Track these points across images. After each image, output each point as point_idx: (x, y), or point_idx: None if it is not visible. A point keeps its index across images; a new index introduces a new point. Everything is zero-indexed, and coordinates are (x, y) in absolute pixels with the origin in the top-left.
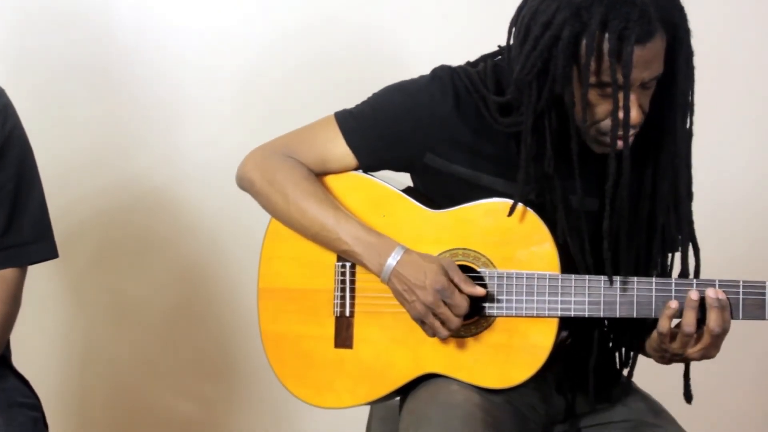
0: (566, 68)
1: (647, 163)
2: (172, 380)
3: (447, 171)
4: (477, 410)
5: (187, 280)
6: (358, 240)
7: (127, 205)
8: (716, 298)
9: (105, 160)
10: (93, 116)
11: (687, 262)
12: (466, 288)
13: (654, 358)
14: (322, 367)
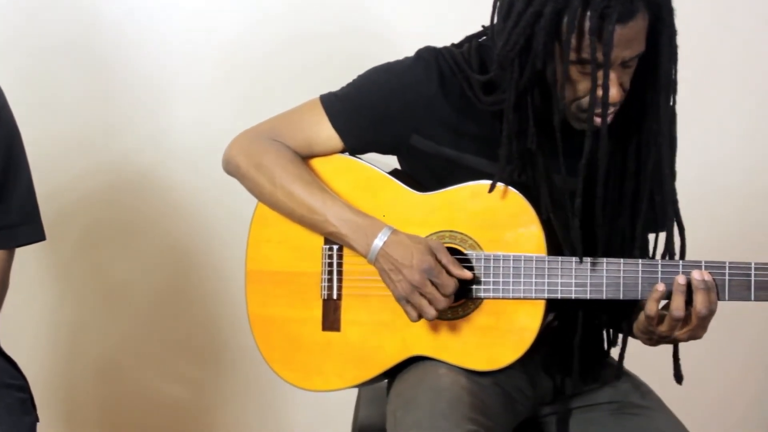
0: (548, 45)
1: (630, 140)
2: (159, 363)
3: (433, 152)
4: (464, 393)
5: (175, 263)
6: (345, 221)
7: (114, 187)
8: (702, 280)
9: (92, 142)
10: (80, 98)
11: (672, 242)
12: (454, 270)
13: (642, 340)
14: (310, 349)
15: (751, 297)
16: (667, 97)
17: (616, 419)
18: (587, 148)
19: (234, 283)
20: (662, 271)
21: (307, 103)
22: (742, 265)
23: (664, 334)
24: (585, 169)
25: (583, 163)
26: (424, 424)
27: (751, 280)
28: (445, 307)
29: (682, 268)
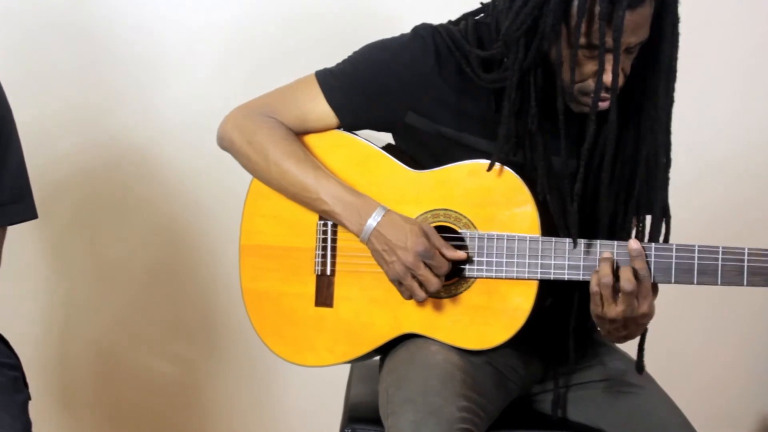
0: (555, 27)
1: (627, 125)
2: (153, 340)
3: (429, 130)
4: (456, 370)
5: (168, 241)
6: (339, 200)
7: (107, 165)
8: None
9: (84, 119)
10: (72, 74)
11: (659, 229)
12: (447, 252)
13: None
14: (302, 325)
15: (744, 282)
16: (666, 84)
17: (608, 397)
18: (591, 131)
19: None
20: (655, 254)
21: (302, 79)
22: (736, 250)
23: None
24: (588, 153)
25: (586, 147)
26: (416, 401)
27: (744, 265)
28: (437, 288)
29: (675, 251)
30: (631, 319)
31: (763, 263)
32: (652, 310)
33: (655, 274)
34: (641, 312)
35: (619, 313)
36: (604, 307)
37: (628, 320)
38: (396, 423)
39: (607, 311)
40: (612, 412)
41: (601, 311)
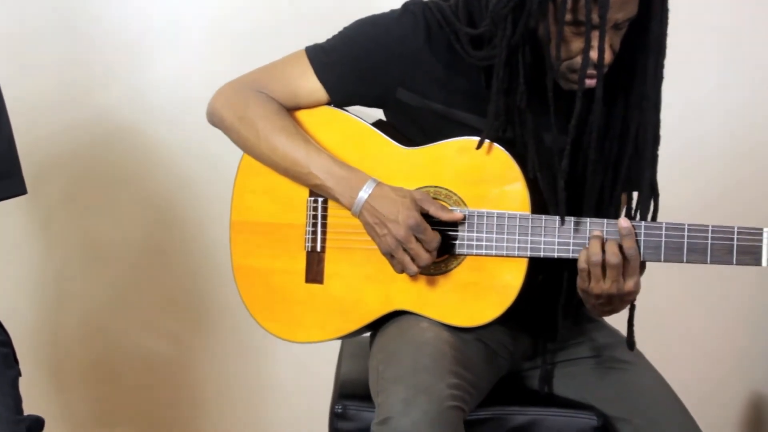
0: (542, 3)
1: (616, 102)
2: (143, 316)
3: (419, 106)
4: (447, 347)
5: (158, 216)
6: (330, 174)
7: (96, 142)
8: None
9: (74, 96)
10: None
11: (647, 207)
12: (444, 215)
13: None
14: (293, 301)
15: (733, 261)
16: (655, 61)
17: (598, 373)
18: (578, 109)
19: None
20: (645, 232)
21: (292, 54)
22: (725, 229)
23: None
24: (575, 130)
25: (573, 124)
26: (406, 378)
27: (733, 244)
28: (427, 262)
29: (665, 229)
30: (617, 296)
31: (753, 242)
32: (638, 288)
33: (644, 252)
34: (627, 290)
35: (604, 290)
36: (591, 283)
37: (613, 297)
38: (386, 400)
39: (593, 287)
40: (601, 388)
41: (587, 287)
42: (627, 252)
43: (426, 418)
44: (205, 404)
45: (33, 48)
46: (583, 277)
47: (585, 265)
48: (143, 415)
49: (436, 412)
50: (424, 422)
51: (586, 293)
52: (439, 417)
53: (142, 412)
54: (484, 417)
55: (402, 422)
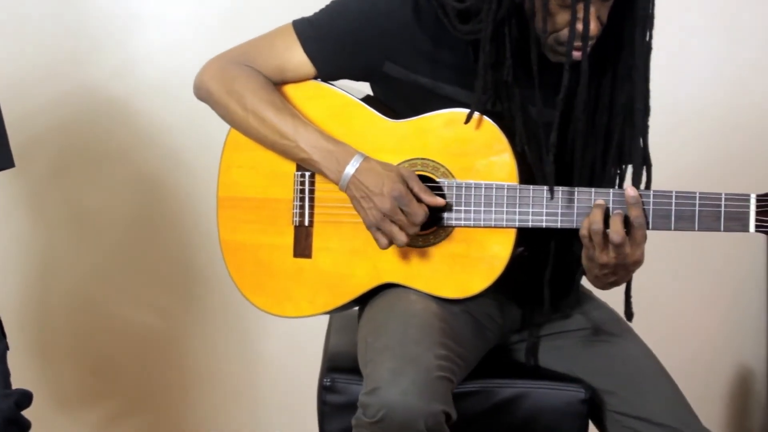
0: None
1: (605, 74)
2: (131, 290)
3: (406, 80)
4: (435, 319)
5: (146, 190)
6: (317, 148)
7: (84, 115)
8: (633, 196)
9: (61, 69)
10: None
11: (639, 177)
12: (426, 197)
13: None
14: (281, 276)
15: (721, 228)
16: (643, 31)
17: (586, 346)
18: (565, 81)
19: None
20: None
21: (279, 28)
22: (713, 195)
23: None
24: (562, 103)
25: (560, 97)
26: (394, 349)
27: (720, 210)
28: (414, 234)
29: (653, 197)
30: (622, 266)
31: (740, 208)
32: (643, 257)
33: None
34: (633, 259)
35: (611, 259)
36: (595, 252)
37: (619, 266)
38: (374, 371)
39: (598, 256)
40: (589, 361)
41: (593, 255)
42: (634, 221)
43: (414, 387)
44: (194, 378)
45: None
46: (586, 245)
47: (586, 233)
48: (132, 389)
49: (424, 382)
50: (412, 392)
51: (592, 262)
52: (427, 387)
53: (131, 386)
54: (472, 390)
55: (390, 392)
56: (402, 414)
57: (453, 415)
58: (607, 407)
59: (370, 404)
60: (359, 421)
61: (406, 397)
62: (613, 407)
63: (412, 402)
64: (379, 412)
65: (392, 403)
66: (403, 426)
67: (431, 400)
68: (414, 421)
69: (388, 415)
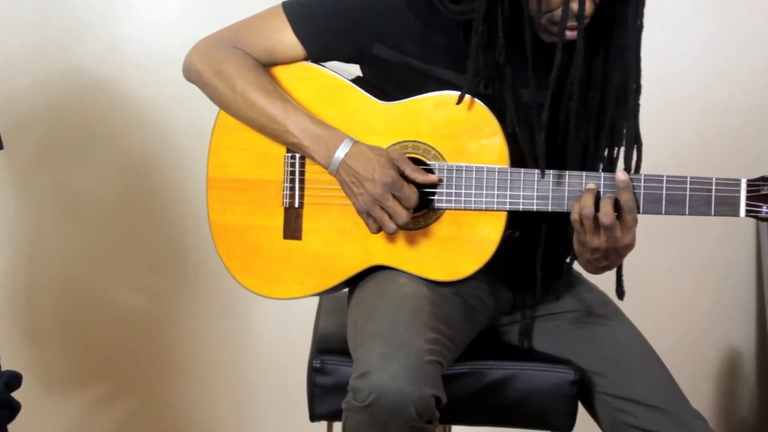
0: None
1: (597, 54)
2: (120, 272)
3: (397, 62)
4: (425, 303)
5: (135, 172)
6: (306, 132)
7: (73, 97)
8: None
9: (50, 51)
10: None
11: (630, 157)
12: (419, 177)
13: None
14: (271, 257)
15: (712, 212)
16: (635, 11)
17: (576, 328)
18: (558, 61)
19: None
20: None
21: (269, 9)
22: (704, 180)
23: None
24: (555, 83)
25: (553, 76)
26: (384, 334)
27: (711, 195)
28: (406, 220)
29: (644, 182)
30: (613, 250)
31: (731, 192)
32: (634, 242)
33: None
34: (624, 243)
35: (602, 243)
36: (587, 236)
37: (610, 250)
38: (365, 355)
39: (589, 240)
40: (579, 342)
41: (584, 239)
42: (625, 205)
43: (404, 372)
44: (184, 360)
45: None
46: (577, 230)
47: (577, 217)
48: (121, 372)
49: (414, 367)
50: (402, 376)
51: (583, 246)
52: (417, 371)
53: (120, 369)
54: (461, 371)
55: (380, 377)
56: (392, 398)
57: (443, 399)
58: (597, 389)
59: (361, 388)
60: (349, 405)
61: (397, 382)
62: (603, 389)
63: (402, 386)
64: (369, 396)
65: (382, 387)
66: (394, 410)
67: (421, 384)
68: (404, 405)
69: (378, 400)
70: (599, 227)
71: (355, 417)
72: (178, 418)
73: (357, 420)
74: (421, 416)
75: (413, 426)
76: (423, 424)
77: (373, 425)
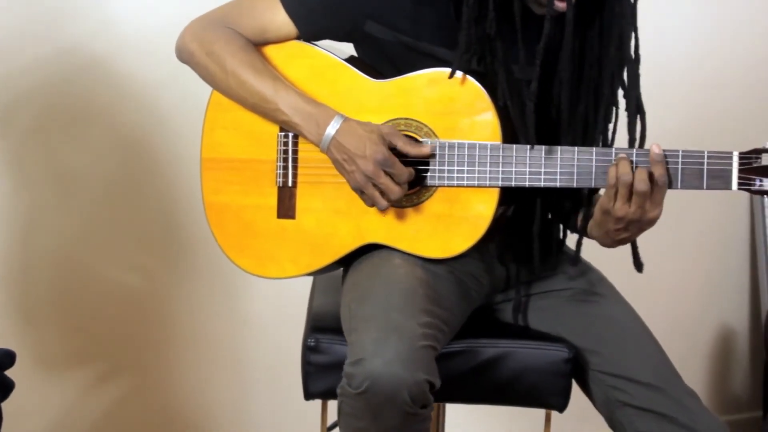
0: None
1: (592, 25)
2: (114, 252)
3: (389, 39)
4: (418, 285)
5: (130, 150)
6: (297, 110)
7: (66, 75)
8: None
9: (43, 29)
10: None
11: (634, 128)
12: (412, 150)
13: (598, 240)
14: (265, 236)
15: (704, 186)
16: None
17: (570, 306)
18: (546, 30)
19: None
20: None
21: None
22: (695, 153)
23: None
24: (542, 53)
25: (540, 46)
26: (378, 318)
27: (703, 168)
28: (399, 197)
29: (635, 156)
30: (637, 221)
31: (723, 166)
32: (658, 217)
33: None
34: (650, 217)
35: (628, 213)
36: (616, 203)
37: (634, 222)
38: (358, 339)
39: (617, 209)
40: (573, 320)
41: (612, 207)
42: (659, 179)
43: (398, 358)
44: (179, 339)
45: None
46: (609, 196)
47: (614, 182)
48: (116, 350)
49: (407, 352)
50: (395, 362)
51: (608, 215)
52: (411, 356)
53: (115, 347)
54: (455, 350)
55: (374, 363)
56: (386, 385)
57: (437, 384)
58: (591, 366)
59: (355, 375)
60: (344, 391)
61: (390, 368)
62: (597, 366)
63: (396, 372)
64: (363, 383)
65: (376, 373)
66: (388, 396)
67: (415, 369)
68: (398, 391)
69: (372, 386)
70: (632, 196)
71: (350, 403)
72: (172, 396)
73: (352, 406)
74: (415, 401)
75: (408, 411)
76: (417, 409)
77: (367, 411)
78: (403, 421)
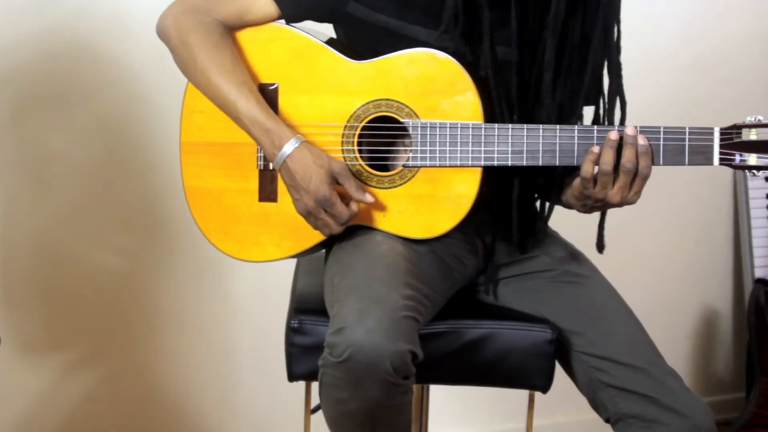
0: None
1: (575, 13)
2: (96, 234)
3: (371, 20)
4: (401, 259)
5: (110, 134)
6: (255, 123)
7: (48, 57)
8: (632, 135)
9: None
10: None
11: (612, 115)
12: (356, 194)
13: (576, 208)
14: (247, 220)
15: (686, 161)
16: None
17: (553, 287)
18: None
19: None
20: (598, 136)
21: None
22: (677, 129)
23: (598, 196)
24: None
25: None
26: (360, 289)
27: (685, 144)
28: (338, 231)
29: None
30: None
31: (704, 141)
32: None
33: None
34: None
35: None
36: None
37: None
38: (341, 311)
39: (597, 193)
40: (556, 301)
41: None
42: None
43: (380, 327)
44: (162, 322)
45: None
46: (586, 185)
47: (590, 176)
48: (98, 334)
49: (389, 321)
50: (377, 331)
51: (587, 198)
52: (393, 326)
53: (97, 331)
54: (439, 330)
55: (356, 332)
56: (368, 353)
57: (419, 355)
58: (574, 348)
59: (337, 344)
60: (326, 361)
61: (372, 337)
62: (580, 347)
63: (378, 341)
64: (345, 351)
65: (358, 342)
66: (369, 365)
67: (397, 339)
68: (380, 360)
69: (354, 355)
70: (615, 179)
71: (331, 372)
72: (154, 379)
73: (333, 375)
74: (398, 371)
75: (389, 381)
76: (399, 379)
77: (349, 380)
78: (384, 391)
